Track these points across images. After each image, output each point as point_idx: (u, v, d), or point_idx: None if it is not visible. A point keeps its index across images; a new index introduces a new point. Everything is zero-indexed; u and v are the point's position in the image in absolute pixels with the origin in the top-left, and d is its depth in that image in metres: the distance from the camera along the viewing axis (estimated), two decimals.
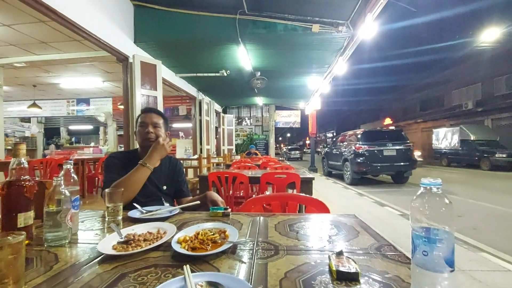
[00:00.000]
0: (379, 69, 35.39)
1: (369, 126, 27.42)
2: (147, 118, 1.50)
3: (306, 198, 1.36)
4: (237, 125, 12.91)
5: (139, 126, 1.50)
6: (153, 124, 1.49)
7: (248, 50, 4.74)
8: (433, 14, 24.50)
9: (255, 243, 0.81)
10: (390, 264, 0.67)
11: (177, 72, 6.07)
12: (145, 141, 1.45)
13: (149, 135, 1.46)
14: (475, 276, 2.19)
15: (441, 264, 0.47)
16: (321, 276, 0.61)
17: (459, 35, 18.67)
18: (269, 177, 2.52)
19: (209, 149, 7.90)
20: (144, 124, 1.48)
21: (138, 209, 1.18)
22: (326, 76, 6.30)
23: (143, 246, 0.76)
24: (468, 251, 2.76)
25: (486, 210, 4.55)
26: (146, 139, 1.45)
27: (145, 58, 4.25)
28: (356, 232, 0.92)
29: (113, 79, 6.99)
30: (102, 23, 3.35)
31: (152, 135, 1.48)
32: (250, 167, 4.10)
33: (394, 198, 5.62)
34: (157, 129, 1.49)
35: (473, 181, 8.23)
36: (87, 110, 9.49)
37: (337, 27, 3.79)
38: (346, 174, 8.01)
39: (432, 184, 0.49)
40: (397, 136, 7.80)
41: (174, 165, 1.62)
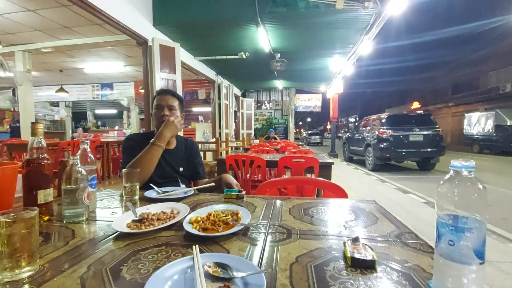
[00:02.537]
0: (408, 48, 33.13)
1: (395, 110, 26.14)
2: (163, 100, 1.49)
3: (323, 182, 1.32)
4: (257, 109, 12.82)
5: (154, 108, 1.50)
6: (168, 106, 1.48)
7: (267, 30, 4.59)
8: None
9: (267, 226, 0.80)
10: (411, 252, 0.63)
11: (196, 55, 6.05)
12: (160, 124, 1.45)
13: (164, 118, 1.45)
14: (503, 268, 2.07)
15: (469, 255, 0.42)
16: (335, 262, 0.58)
17: (500, 9, 16.89)
18: (287, 161, 2.48)
19: (228, 133, 7.95)
20: (159, 106, 1.48)
21: (155, 189, 1.20)
22: (349, 57, 6.00)
23: (156, 225, 0.76)
24: (496, 241, 2.61)
25: None
26: (161, 122, 1.45)
27: (164, 41, 4.25)
28: (375, 218, 0.88)
29: (134, 63, 7.11)
30: (121, 6, 3.36)
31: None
32: (268, 151, 4.08)
33: (418, 185, 5.39)
34: (173, 111, 1.48)
35: (506, 169, 7.70)
36: (110, 95, 9.81)
37: (363, 2, 3.53)
38: (368, 160, 7.77)
39: (464, 167, 0.44)
40: (424, 121, 7.37)
41: (191, 147, 1.63)
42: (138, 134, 1.61)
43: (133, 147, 1.41)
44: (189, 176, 1.58)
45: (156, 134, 1.41)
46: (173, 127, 1.41)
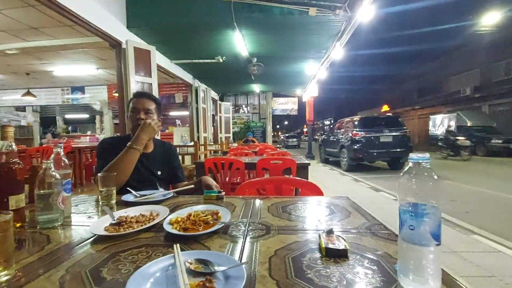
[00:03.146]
0: (377, 55, 35.02)
1: (366, 113, 27.34)
2: (139, 103, 1.46)
3: (300, 181, 1.37)
4: (234, 113, 12.83)
5: (130, 111, 1.47)
6: (144, 110, 1.45)
7: (244, 35, 4.64)
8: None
9: (247, 224, 0.82)
10: (380, 242, 0.68)
11: (172, 58, 5.96)
12: (136, 128, 1.42)
13: (140, 122, 1.42)
14: (467, 258, 2.24)
15: (427, 238, 0.48)
16: (311, 254, 0.61)
17: (458, 19, 18.40)
18: (265, 163, 2.52)
19: (206, 137, 7.88)
20: (136, 109, 1.45)
21: (132, 193, 1.18)
22: (323, 62, 6.22)
23: (135, 227, 0.76)
24: (460, 233, 2.82)
25: (479, 195, 4.63)
26: (137, 126, 1.42)
27: (139, 43, 4.16)
28: (348, 213, 0.93)
29: (107, 66, 6.86)
30: (93, 7, 3.25)
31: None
32: (247, 154, 4.10)
33: (389, 183, 5.68)
34: (149, 115, 1.46)
35: (468, 167, 8.33)
36: (82, 99, 9.37)
37: (335, 10, 3.71)
38: (343, 161, 8.05)
39: (420, 159, 0.49)
40: (393, 123, 7.81)
41: (169, 150, 1.61)
42: (113, 137, 1.57)
43: (108, 152, 1.36)
44: (168, 180, 1.56)
45: (132, 137, 1.39)
46: (150, 129, 1.38)
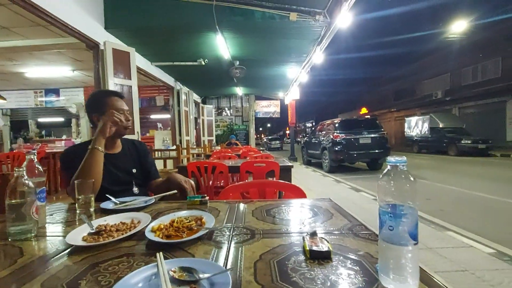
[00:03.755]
0: (356, 60, 36.23)
1: (346, 115, 28.18)
2: (123, 105, 1.42)
3: (283, 184, 1.38)
4: (217, 116, 12.75)
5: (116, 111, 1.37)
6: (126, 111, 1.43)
7: (226, 38, 4.64)
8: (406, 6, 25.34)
9: (231, 229, 0.82)
10: (361, 242, 0.70)
11: (153, 60, 5.84)
12: (125, 130, 1.39)
13: (129, 123, 1.40)
14: (441, 253, 2.36)
15: (405, 238, 0.50)
16: (296, 256, 0.62)
17: (431, 26, 19.49)
18: (248, 166, 2.52)
19: (188, 140, 7.76)
20: (121, 110, 1.39)
21: (112, 200, 1.14)
22: (304, 65, 6.34)
23: (115, 236, 0.73)
24: (435, 230, 2.95)
25: (453, 193, 4.88)
26: (126, 128, 1.39)
27: (118, 45, 4.04)
28: (330, 214, 0.95)
29: (84, 68, 6.59)
30: (69, 7, 3.12)
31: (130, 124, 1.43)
32: (230, 157, 4.09)
33: (369, 183, 5.86)
34: None
35: (441, 166, 8.77)
36: (57, 101, 8.93)
37: (314, 15, 3.80)
38: (325, 162, 8.21)
39: (397, 162, 0.51)
40: (372, 125, 8.09)
41: (139, 147, 1.56)
42: (76, 146, 1.44)
43: (75, 161, 1.26)
44: (143, 178, 1.51)
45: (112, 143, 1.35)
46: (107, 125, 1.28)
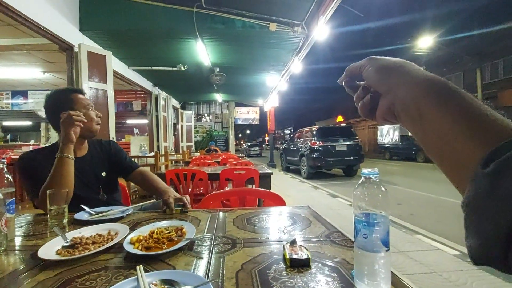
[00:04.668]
0: (332, 70, 37.65)
1: (323, 123, 29.04)
2: (88, 101, 1.36)
3: (263, 192, 1.40)
4: (196, 122, 12.60)
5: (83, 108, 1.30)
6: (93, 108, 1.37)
7: (206, 45, 4.64)
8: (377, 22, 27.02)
9: (212, 238, 0.82)
10: (338, 249, 0.74)
11: (130, 64, 5.69)
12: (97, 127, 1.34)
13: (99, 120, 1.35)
14: (412, 256, 2.48)
15: (378, 245, 0.53)
16: (276, 265, 0.64)
17: (401, 41, 20.76)
18: (228, 173, 2.52)
19: (167, 146, 7.59)
20: (90, 106, 1.33)
21: (86, 210, 1.10)
22: (283, 74, 6.48)
23: (92, 249, 0.71)
24: (406, 234, 3.11)
25: (421, 198, 5.17)
26: (98, 124, 1.35)
27: (93, 48, 3.90)
28: (309, 222, 0.98)
29: (56, 70, 6.27)
30: (41, 7, 2.98)
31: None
32: (209, 164, 4.06)
33: (344, 189, 6.05)
34: None
35: (410, 172, 9.26)
36: (24, 104, 8.40)
37: (293, 27, 3.92)
38: (303, 169, 8.37)
39: (371, 173, 0.55)
40: (347, 133, 8.39)
41: (107, 146, 1.47)
42: (35, 151, 1.32)
43: (37, 169, 1.17)
44: (123, 174, 1.45)
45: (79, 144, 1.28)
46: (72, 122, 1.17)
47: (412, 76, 0.33)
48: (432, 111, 0.29)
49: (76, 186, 1.19)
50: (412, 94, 0.32)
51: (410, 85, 0.32)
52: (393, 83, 0.34)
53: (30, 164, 1.21)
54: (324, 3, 3.31)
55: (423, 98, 0.31)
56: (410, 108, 0.32)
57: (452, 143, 0.27)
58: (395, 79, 0.34)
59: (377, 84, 0.37)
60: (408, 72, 0.34)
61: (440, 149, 0.30)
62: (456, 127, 0.27)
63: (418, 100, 0.31)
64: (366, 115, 0.41)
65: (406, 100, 0.32)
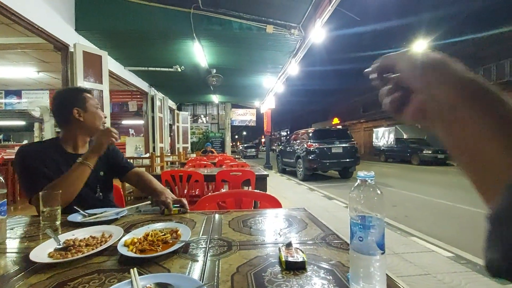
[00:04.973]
0: (328, 72, 38.00)
1: (319, 125, 29.20)
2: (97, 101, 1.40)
3: (259, 194, 1.40)
4: (193, 123, 12.57)
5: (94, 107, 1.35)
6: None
7: (203, 46, 4.64)
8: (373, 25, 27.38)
9: (208, 241, 0.81)
10: (334, 251, 0.74)
11: (126, 65, 5.66)
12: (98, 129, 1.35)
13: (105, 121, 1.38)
14: (406, 258, 2.49)
15: (374, 248, 0.53)
16: (272, 268, 0.63)
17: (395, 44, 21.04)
18: (224, 175, 2.51)
19: (162, 147, 7.54)
20: (99, 108, 1.37)
21: (80, 212, 1.08)
22: (280, 76, 6.50)
23: (85, 252, 0.70)
24: (401, 236, 3.13)
25: (416, 200, 5.21)
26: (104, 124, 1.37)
27: (89, 48, 3.88)
28: (305, 224, 0.98)
29: (51, 70, 6.21)
30: (36, 6, 2.95)
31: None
32: (205, 165, 4.04)
33: (340, 191, 6.07)
34: None
35: (405, 175, 9.33)
36: (18, 104, 8.31)
37: (290, 29, 3.94)
38: (299, 170, 8.39)
39: (366, 176, 0.55)
40: (343, 135, 8.44)
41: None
42: (35, 144, 1.33)
43: (36, 162, 1.16)
44: (119, 174, 1.46)
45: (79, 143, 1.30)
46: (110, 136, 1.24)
47: (451, 75, 0.31)
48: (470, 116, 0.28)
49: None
50: (448, 95, 0.30)
51: (448, 85, 0.30)
52: (429, 81, 0.32)
53: (32, 156, 1.19)
54: (321, 6, 3.33)
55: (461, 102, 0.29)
56: (444, 110, 0.30)
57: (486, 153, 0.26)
58: (432, 76, 0.32)
59: (411, 80, 0.34)
60: (447, 71, 0.31)
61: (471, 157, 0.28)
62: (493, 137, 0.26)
63: (455, 103, 0.29)
64: (393, 111, 0.38)
65: (442, 101, 0.30)
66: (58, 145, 1.28)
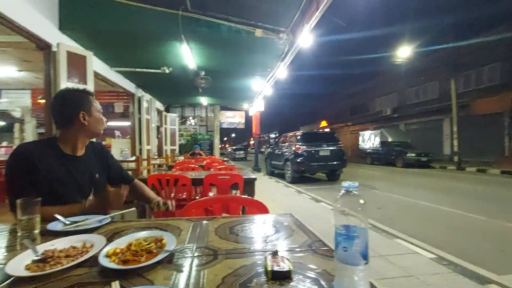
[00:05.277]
0: (317, 76, 38.53)
1: (307, 127, 29.52)
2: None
3: (246, 199, 1.40)
4: (181, 125, 12.44)
5: (98, 112, 1.35)
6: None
7: (191, 48, 4.60)
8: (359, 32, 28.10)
9: (194, 250, 0.80)
10: (319, 259, 0.74)
11: (113, 65, 5.53)
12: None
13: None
14: (391, 260, 2.55)
15: (358, 258, 0.54)
16: (258, 278, 0.63)
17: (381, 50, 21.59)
18: (212, 179, 2.50)
19: (149, 149, 7.41)
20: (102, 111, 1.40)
21: (60, 220, 1.04)
22: (268, 79, 6.53)
23: (64, 264, 0.67)
24: (385, 238, 3.19)
25: (400, 202, 5.34)
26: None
27: (73, 47, 3.77)
28: (291, 231, 0.98)
29: (32, 69, 5.98)
30: (16, 3, 2.84)
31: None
32: (193, 168, 4.00)
33: (328, 194, 6.15)
34: None
35: (390, 177, 9.55)
36: None
37: (278, 34, 3.97)
38: (287, 173, 8.44)
39: (350, 187, 0.56)
40: (330, 138, 8.57)
41: (100, 149, 1.49)
42: (34, 144, 1.28)
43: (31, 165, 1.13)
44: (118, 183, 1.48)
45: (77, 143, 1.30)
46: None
47: None
48: None
49: (69, 188, 1.22)
50: None
51: None
52: None
53: (27, 159, 1.14)
54: (308, 12, 3.38)
55: None
56: None
57: None
58: None
59: None
60: None
61: None
62: None
63: None
64: None
65: None
66: (56, 145, 1.25)
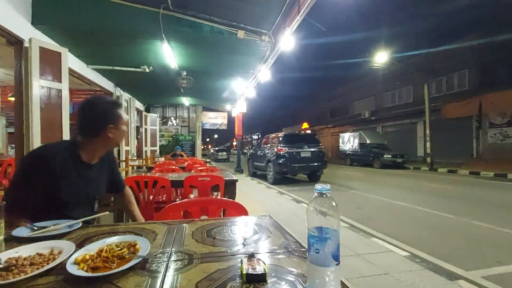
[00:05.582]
0: (298, 78, 39.24)
1: (290, 129, 29.89)
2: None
3: (225, 201, 1.39)
4: (162, 125, 12.17)
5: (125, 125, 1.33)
6: None
7: (173, 47, 4.53)
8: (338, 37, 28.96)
9: (169, 254, 0.79)
10: (295, 261, 0.75)
11: (89, 63, 5.33)
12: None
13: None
14: (367, 258, 2.62)
15: (329, 259, 0.55)
16: (232, 282, 0.63)
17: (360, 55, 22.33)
18: (193, 180, 2.46)
19: (128, 150, 7.19)
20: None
21: (28, 225, 0.98)
22: (251, 80, 6.55)
23: (29, 272, 0.64)
24: (363, 237, 3.28)
25: (377, 202, 5.52)
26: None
27: (47, 43, 3.59)
28: (269, 233, 0.99)
29: (3, 65, 5.62)
30: None
31: None
32: (174, 170, 3.92)
33: (308, 195, 6.24)
34: None
35: (368, 178, 9.86)
36: None
37: (261, 36, 4.00)
38: (269, 174, 8.48)
39: (323, 189, 0.58)
40: (311, 140, 8.71)
41: (108, 155, 1.45)
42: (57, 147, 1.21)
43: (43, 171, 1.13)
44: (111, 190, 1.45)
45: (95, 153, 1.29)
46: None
47: None
48: None
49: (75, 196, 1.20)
50: None
51: None
52: None
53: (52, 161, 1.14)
54: (290, 15, 3.43)
55: None
56: None
57: None
58: None
59: None
60: None
61: None
62: None
63: None
64: None
65: None
66: (76, 153, 1.24)
